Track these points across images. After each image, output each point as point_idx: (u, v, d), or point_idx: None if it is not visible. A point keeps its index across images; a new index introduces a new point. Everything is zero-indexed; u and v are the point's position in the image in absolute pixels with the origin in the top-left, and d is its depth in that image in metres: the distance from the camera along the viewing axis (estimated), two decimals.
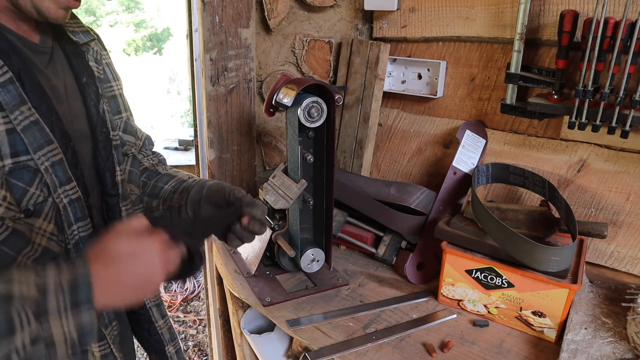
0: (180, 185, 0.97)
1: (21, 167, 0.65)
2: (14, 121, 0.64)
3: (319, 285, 1.22)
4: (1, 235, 0.65)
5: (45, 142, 0.67)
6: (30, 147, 0.66)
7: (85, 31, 0.83)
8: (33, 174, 0.66)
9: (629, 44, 1.00)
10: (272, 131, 1.58)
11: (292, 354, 1.22)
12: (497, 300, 1.06)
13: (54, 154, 0.69)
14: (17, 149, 0.64)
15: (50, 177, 0.68)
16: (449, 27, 1.38)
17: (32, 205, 0.67)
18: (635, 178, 1.13)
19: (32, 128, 0.66)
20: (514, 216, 1.13)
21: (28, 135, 0.65)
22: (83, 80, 0.79)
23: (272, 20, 1.42)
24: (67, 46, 0.80)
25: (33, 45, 0.72)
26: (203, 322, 2.88)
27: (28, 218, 0.67)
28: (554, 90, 1.15)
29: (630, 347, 0.93)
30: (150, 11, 8.60)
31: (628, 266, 1.12)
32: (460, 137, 1.34)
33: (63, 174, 0.70)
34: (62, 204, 0.70)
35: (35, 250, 0.69)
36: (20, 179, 0.65)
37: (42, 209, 0.68)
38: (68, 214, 0.72)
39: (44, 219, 0.69)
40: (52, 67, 0.75)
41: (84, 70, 0.80)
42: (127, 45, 8.26)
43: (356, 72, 1.53)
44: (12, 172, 0.64)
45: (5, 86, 0.63)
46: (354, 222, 1.39)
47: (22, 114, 0.65)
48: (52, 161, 0.69)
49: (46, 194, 0.68)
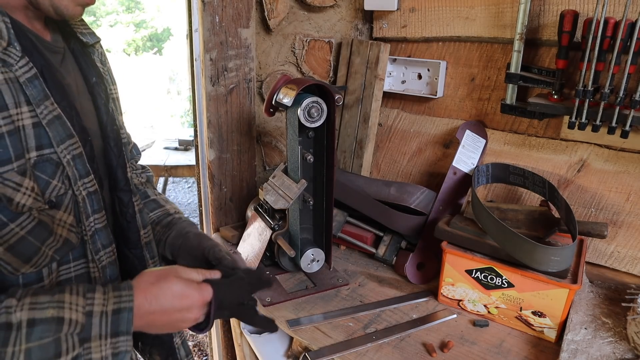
0: (164, 218, 0.98)
1: (45, 160, 0.67)
2: (40, 115, 0.66)
3: (319, 285, 1.22)
4: (28, 226, 0.67)
5: (67, 136, 0.69)
6: (54, 141, 0.67)
7: (92, 33, 0.85)
8: (55, 166, 0.68)
9: (629, 44, 1.00)
10: (272, 131, 1.58)
11: (292, 354, 1.22)
12: (497, 300, 1.06)
13: (74, 148, 0.71)
14: (41, 142, 0.66)
15: (72, 170, 0.70)
16: (449, 27, 1.38)
17: (55, 197, 0.69)
18: (635, 178, 1.13)
19: (56, 122, 0.68)
20: (514, 216, 1.13)
21: (52, 129, 0.67)
22: (93, 80, 0.81)
23: (272, 20, 1.42)
24: (76, 47, 0.81)
25: (47, 43, 0.74)
26: None
27: (51, 210, 0.69)
28: (554, 90, 1.15)
29: (630, 347, 0.93)
30: (150, 11, 8.61)
31: (628, 266, 1.12)
32: (460, 137, 1.34)
33: (82, 167, 0.72)
34: (81, 196, 0.72)
35: (57, 241, 0.71)
36: (44, 172, 0.67)
37: (62, 201, 0.70)
38: (86, 206, 0.74)
39: (64, 210, 0.71)
40: (64, 66, 0.77)
41: (92, 71, 0.82)
42: (127, 45, 8.27)
43: (356, 72, 1.53)
44: (36, 165, 0.66)
45: (32, 81, 0.65)
46: (354, 222, 1.39)
47: (47, 108, 0.67)
48: (73, 154, 0.71)
49: (67, 186, 0.70)
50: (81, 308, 0.62)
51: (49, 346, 0.58)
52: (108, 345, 0.63)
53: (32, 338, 0.58)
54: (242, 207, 1.53)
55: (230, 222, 1.53)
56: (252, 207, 1.38)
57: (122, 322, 0.63)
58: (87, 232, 0.74)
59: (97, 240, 0.76)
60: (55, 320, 0.59)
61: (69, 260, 0.74)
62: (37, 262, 0.68)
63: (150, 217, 0.98)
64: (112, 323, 0.63)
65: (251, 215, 1.36)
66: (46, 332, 0.58)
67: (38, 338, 0.58)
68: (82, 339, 0.61)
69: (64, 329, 0.60)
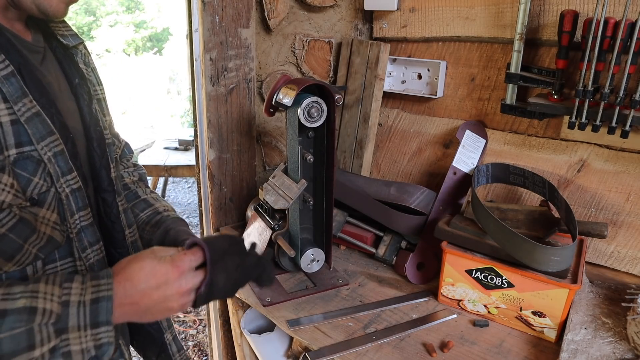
0: (154, 217, 0.98)
1: (25, 157, 0.66)
2: (18, 112, 0.65)
3: (319, 285, 1.22)
4: (9, 223, 0.66)
5: (47, 133, 0.69)
6: (34, 138, 0.67)
7: (74, 34, 0.84)
8: (36, 164, 0.68)
9: (629, 44, 1.00)
10: (272, 131, 1.58)
11: (292, 354, 1.23)
12: (497, 300, 1.06)
13: (55, 145, 0.70)
14: (21, 139, 0.66)
15: (53, 167, 0.70)
16: (449, 27, 1.38)
17: (37, 195, 0.68)
18: (635, 178, 1.13)
19: (35, 119, 0.67)
20: (514, 216, 1.13)
21: (31, 126, 0.67)
22: (75, 81, 0.80)
23: (272, 20, 1.42)
24: (57, 49, 0.81)
25: (27, 43, 0.73)
26: (203, 322, 2.88)
27: (33, 207, 0.68)
28: (554, 90, 1.15)
29: (630, 347, 0.93)
30: (150, 11, 8.61)
31: (628, 266, 1.12)
32: (460, 137, 1.34)
33: (64, 164, 0.72)
34: (64, 193, 0.72)
35: (41, 239, 0.70)
36: (25, 169, 0.66)
37: (45, 199, 0.70)
38: (70, 203, 0.73)
39: (47, 208, 0.70)
40: (45, 65, 0.76)
41: (75, 72, 0.81)
42: (127, 45, 8.27)
43: (356, 72, 1.53)
44: (16, 162, 0.65)
45: (8, 79, 0.65)
46: (354, 222, 1.39)
47: (25, 105, 0.66)
48: (54, 151, 0.70)
49: (49, 183, 0.70)
50: (57, 298, 0.60)
51: (21, 337, 0.57)
52: (89, 337, 0.61)
53: (3, 329, 0.56)
54: (242, 207, 1.54)
55: (230, 222, 1.54)
56: (252, 207, 1.38)
57: (102, 311, 0.61)
58: (73, 229, 0.74)
59: (84, 237, 0.76)
60: (28, 310, 0.57)
61: (55, 259, 0.73)
62: (20, 260, 0.67)
63: (141, 217, 0.98)
64: (91, 313, 0.61)
65: (251, 215, 1.36)
66: (17, 322, 0.57)
67: (9, 329, 0.56)
68: (58, 330, 0.59)
69: (36, 319, 0.58)
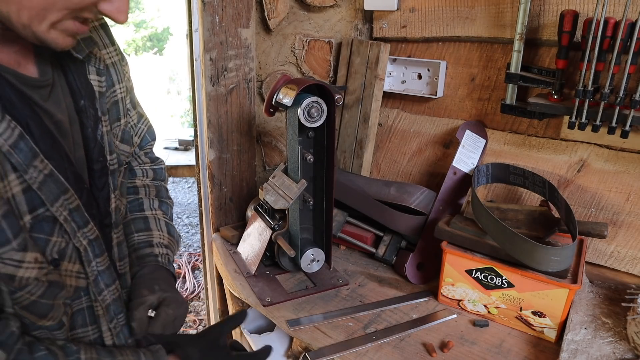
0: (142, 249, 0.93)
1: (40, 220, 0.64)
2: (29, 180, 0.62)
3: (319, 285, 1.22)
4: (39, 291, 0.66)
5: (61, 192, 0.66)
6: (47, 201, 0.64)
7: (87, 38, 0.76)
8: (52, 223, 0.66)
9: (629, 44, 1.00)
10: (272, 131, 1.58)
11: (292, 354, 1.22)
12: (497, 300, 1.06)
13: (70, 202, 0.68)
14: (34, 204, 0.63)
15: (70, 225, 0.68)
16: (449, 27, 1.38)
17: (57, 253, 0.67)
18: (635, 178, 1.13)
19: (48, 181, 0.64)
20: (514, 216, 1.13)
21: (44, 191, 0.64)
22: (81, 104, 0.75)
23: (272, 20, 1.42)
24: (68, 64, 0.73)
25: (32, 81, 0.66)
26: (203, 322, 2.88)
27: (56, 268, 0.67)
28: (554, 90, 1.15)
29: (630, 347, 0.93)
30: (150, 11, 8.60)
31: (628, 266, 1.12)
32: (460, 137, 1.34)
33: (80, 218, 0.70)
34: (82, 246, 0.71)
35: (68, 291, 0.71)
36: (42, 231, 0.65)
37: (65, 253, 0.69)
38: (88, 253, 0.72)
39: (69, 261, 0.70)
40: (53, 98, 0.70)
41: (82, 91, 0.75)
42: (127, 45, 8.26)
43: (356, 72, 1.53)
44: (33, 227, 0.63)
45: (17, 145, 0.60)
46: (354, 222, 1.39)
47: (36, 169, 0.63)
48: (69, 209, 0.68)
49: (67, 239, 0.69)
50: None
51: None
52: None
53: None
54: (242, 207, 1.53)
55: (230, 222, 1.54)
56: (252, 207, 1.38)
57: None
58: (90, 277, 0.74)
59: (100, 281, 0.76)
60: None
61: (80, 296, 0.74)
62: (54, 316, 0.69)
63: (133, 240, 0.93)
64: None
65: (251, 215, 1.36)
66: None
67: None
68: None
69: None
